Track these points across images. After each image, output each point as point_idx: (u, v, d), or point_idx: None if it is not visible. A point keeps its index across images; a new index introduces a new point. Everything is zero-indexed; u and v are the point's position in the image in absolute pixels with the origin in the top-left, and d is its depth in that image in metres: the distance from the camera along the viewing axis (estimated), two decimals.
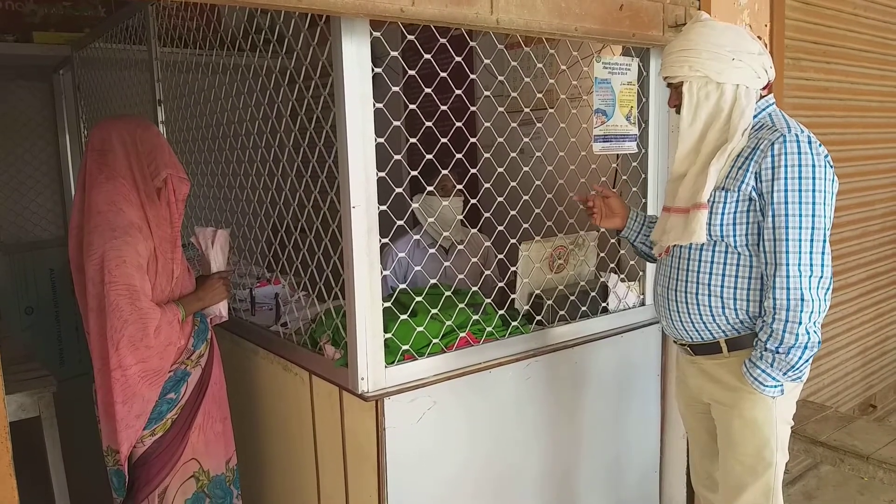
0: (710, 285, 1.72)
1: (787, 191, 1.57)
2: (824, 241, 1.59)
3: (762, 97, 1.70)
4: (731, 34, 1.66)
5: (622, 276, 2.39)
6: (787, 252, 1.58)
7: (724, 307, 1.72)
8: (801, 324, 1.58)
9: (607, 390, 2.33)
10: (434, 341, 1.90)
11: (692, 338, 1.79)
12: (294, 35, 1.93)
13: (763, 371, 1.65)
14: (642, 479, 2.52)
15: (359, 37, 1.63)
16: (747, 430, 1.73)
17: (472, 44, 1.93)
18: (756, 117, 1.68)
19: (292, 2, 1.47)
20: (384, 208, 1.75)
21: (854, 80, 3.27)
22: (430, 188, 2.56)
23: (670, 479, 2.58)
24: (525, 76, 2.08)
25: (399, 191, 1.81)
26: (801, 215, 1.57)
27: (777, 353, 1.61)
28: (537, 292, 2.19)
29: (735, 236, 1.68)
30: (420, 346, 1.88)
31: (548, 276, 2.24)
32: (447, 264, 2.20)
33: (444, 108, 1.84)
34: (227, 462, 2.13)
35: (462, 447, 1.98)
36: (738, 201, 1.65)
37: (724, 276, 1.71)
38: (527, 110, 2.11)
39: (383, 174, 1.73)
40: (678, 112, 1.73)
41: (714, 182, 1.66)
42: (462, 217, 2.59)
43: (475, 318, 1.99)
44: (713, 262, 1.72)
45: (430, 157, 1.89)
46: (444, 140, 1.87)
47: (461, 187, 2.08)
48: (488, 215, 2.03)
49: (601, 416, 2.33)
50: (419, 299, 1.94)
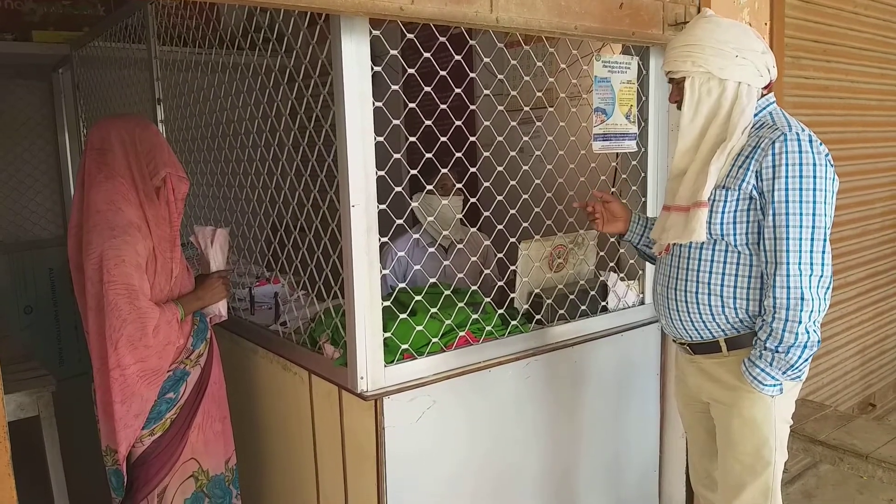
0: (710, 284, 1.72)
1: (787, 189, 1.57)
2: (825, 240, 1.59)
3: (763, 96, 1.70)
4: (736, 31, 1.66)
5: (622, 274, 2.39)
6: (788, 251, 1.57)
7: (724, 306, 1.72)
8: (800, 323, 1.58)
9: (607, 389, 2.33)
10: (433, 340, 1.89)
11: (692, 337, 1.79)
12: (293, 33, 1.92)
13: (762, 370, 1.64)
14: (642, 478, 2.52)
15: (358, 35, 1.63)
16: (746, 429, 1.73)
17: (472, 42, 1.93)
18: (757, 116, 1.68)
19: (291, 0, 1.46)
20: (383, 207, 1.74)
21: (854, 78, 3.27)
22: (430, 187, 2.57)
23: (670, 478, 2.58)
24: (525, 75, 2.08)
25: (398, 190, 1.81)
26: (801, 214, 1.57)
27: (776, 352, 1.61)
28: (537, 291, 2.19)
29: (735, 235, 1.67)
30: (419, 345, 1.88)
31: (547, 275, 2.24)
32: (447, 263, 2.20)
33: (443, 106, 1.84)
34: (227, 462, 2.12)
35: (461, 446, 1.98)
36: (738, 200, 1.65)
37: (723, 275, 1.71)
38: (526, 109, 2.11)
39: (383, 173, 1.73)
40: (679, 108, 1.73)
41: (715, 180, 1.65)
42: (461, 216, 2.59)
43: (475, 317, 1.99)
44: (713, 261, 1.71)
45: (429, 155, 1.89)
46: (444, 139, 1.87)
47: (461, 186, 2.07)
48: (488, 214, 2.03)
49: (601, 415, 2.33)
50: (418, 298, 1.94)
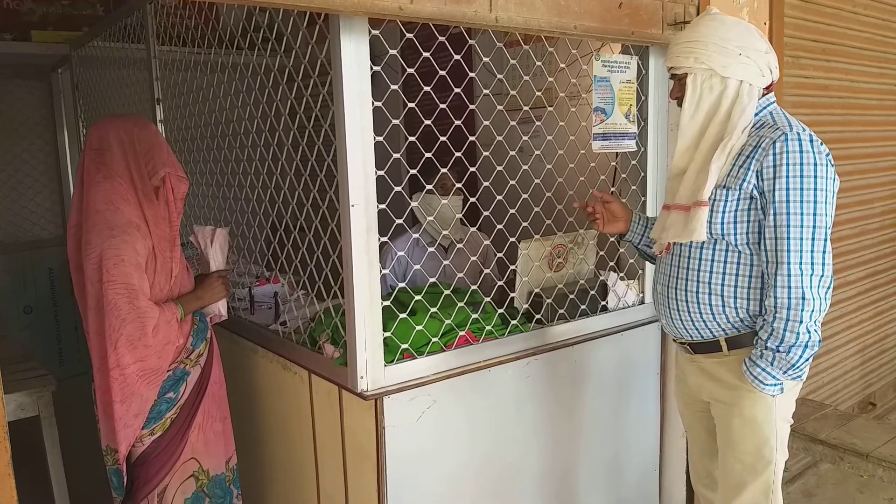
0: (711, 284, 1.72)
1: (788, 189, 1.57)
2: (825, 239, 1.59)
3: (763, 96, 1.70)
4: (740, 29, 1.66)
5: (621, 274, 2.39)
6: (789, 251, 1.57)
7: (725, 306, 1.72)
8: (801, 322, 1.58)
9: (607, 389, 2.33)
10: (433, 340, 1.89)
11: (692, 336, 1.79)
12: (293, 33, 1.92)
13: (763, 370, 1.64)
14: (642, 477, 2.52)
15: (357, 35, 1.63)
16: (747, 428, 1.73)
17: (471, 42, 1.93)
18: (757, 115, 1.68)
19: (290, 0, 1.46)
20: (383, 207, 1.74)
21: (853, 77, 3.27)
22: (430, 187, 2.57)
23: (670, 477, 2.58)
24: (524, 74, 2.08)
25: (398, 189, 1.81)
26: (802, 214, 1.57)
27: (777, 351, 1.61)
28: (537, 291, 2.19)
29: (736, 235, 1.67)
30: (419, 344, 1.88)
31: (547, 275, 2.24)
32: (446, 263, 2.20)
33: (443, 106, 1.84)
34: (227, 462, 2.12)
35: (462, 446, 1.98)
36: (739, 199, 1.65)
37: (724, 274, 1.71)
38: (526, 109, 2.10)
39: (382, 173, 1.73)
40: (679, 105, 1.72)
41: (715, 180, 1.65)
42: (461, 216, 2.59)
43: (474, 316, 1.99)
44: (713, 261, 1.71)
45: (429, 155, 1.89)
46: (444, 138, 1.86)
47: (460, 186, 2.07)
48: (487, 214, 2.03)
49: (601, 414, 2.33)
50: (418, 298, 1.94)
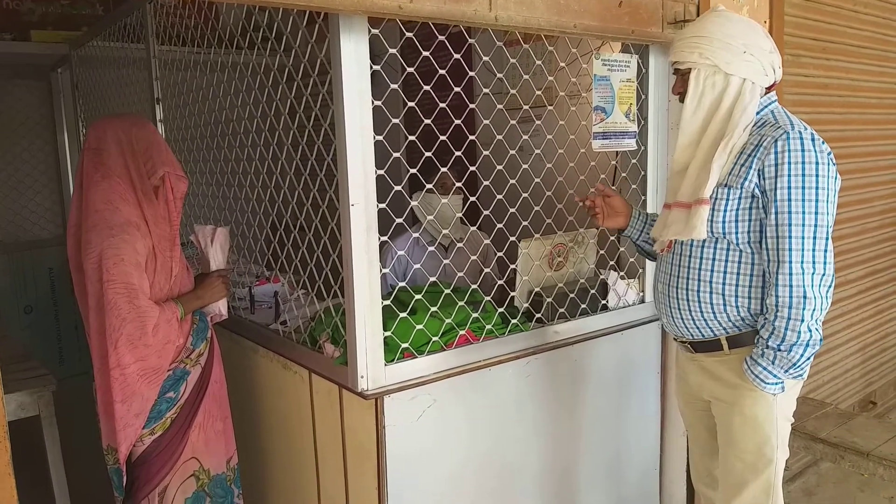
0: (712, 282, 1.72)
1: (790, 188, 1.57)
2: (827, 238, 1.59)
3: (765, 94, 1.69)
4: (746, 27, 1.66)
5: (622, 273, 2.39)
6: (790, 249, 1.57)
7: (726, 304, 1.71)
8: (803, 321, 1.57)
9: (607, 388, 2.33)
10: (434, 339, 1.89)
11: (693, 335, 1.79)
12: (292, 32, 1.92)
13: (764, 368, 1.64)
14: (642, 476, 2.52)
15: (357, 34, 1.62)
16: (748, 427, 1.73)
17: (471, 41, 1.93)
18: (758, 114, 1.68)
19: None
20: (383, 206, 1.74)
21: (854, 76, 3.26)
22: (430, 186, 2.57)
23: (670, 476, 2.58)
24: (524, 73, 2.07)
25: (398, 189, 1.81)
26: (804, 213, 1.56)
27: (779, 350, 1.61)
28: (537, 290, 2.19)
29: (737, 233, 1.67)
30: (419, 344, 1.88)
31: (547, 274, 2.24)
32: (446, 262, 2.19)
33: (442, 105, 1.84)
34: (228, 461, 2.12)
35: (462, 445, 1.98)
36: (740, 198, 1.65)
37: (725, 273, 1.71)
38: (526, 108, 2.10)
39: (382, 172, 1.73)
40: (681, 100, 1.72)
41: (717, 178, 1.65)
42: (461, 215, 2.59)
43: (475, 315, 1.99)
44: (714, 260, 1.71)
45: (429, 154, 1.88)
46: (443, 138, 1.86)
47: (460, 185, 2.07)
48: (487, 213, 2.03)
49: (601, 413, 2.33)
50: (418, 297, 1.94)
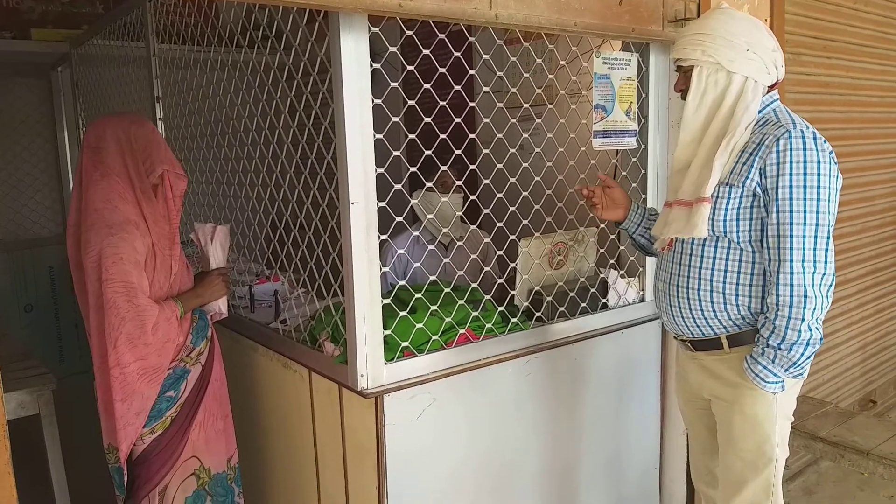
0: (713, 281, 1.72)
1: (791, 187, 1.56)
2: (828, 237, 1.59)
3: (767, 93, 1.69)
4: (749, 25, 1.65)
5: (622, 272, 2.39)
6: (791, 248, 1.57)
7: (726, 303, 1.71)
8: (803, 320, 1.57)
9: (607, 386, 2.33)
10: (433, 338, 1.89)
11: (693, 333, 1.79)
12: (292, 31, 1.92)
13: (764, 367, 1.64)
14: (642, 475, 2.52)
15: (357, 32, 1.62)
16: (748, 426, 1.73)
17: (471, 39, 1.92)
18: (760, 112, 1.67)
19: None
20: (383, 205, 1.74)
21: (855, 75, 3.26)
22: (430, 184, 2.57)
23: (670, 475, 2.58)
24: (524, 72, 2.07)
25: (398, 187, 1.81)
26: (805, 212, 1.56)
27: (779, 349, 1.61)
28: (537, 288, 2.19)
29: (738, 232, 1.67)
30: (419, 342, 1.88)
31: (547, 273, 2.23)
32: (446, 261, 2.20)
33: (443, 103, 1.84)
34: (229, 460, 2.12)
35: (462, 444, 1.98)
36: (741, 197, 1.64)
37: (726, 271, 1.70)
38: (526, 106, 2.10)
39: (382, 170, 1.73)
40: (683, 98, 1.72)
41: (718, 177, 1.65)
42: (461, 213, 2.58)
43: (475, 314, 1.99)
44: (715, 258, 1.71)
45: (429, 153, 1.88)
46: (444, 136, 1.86)
47: (460, 183, 2.07)
48: (488, 212, 2.02)
49: (601, 412, 2.33)
50: (419, 296, 1.93)
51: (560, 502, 2.28)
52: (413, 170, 2.06)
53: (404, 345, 1.83)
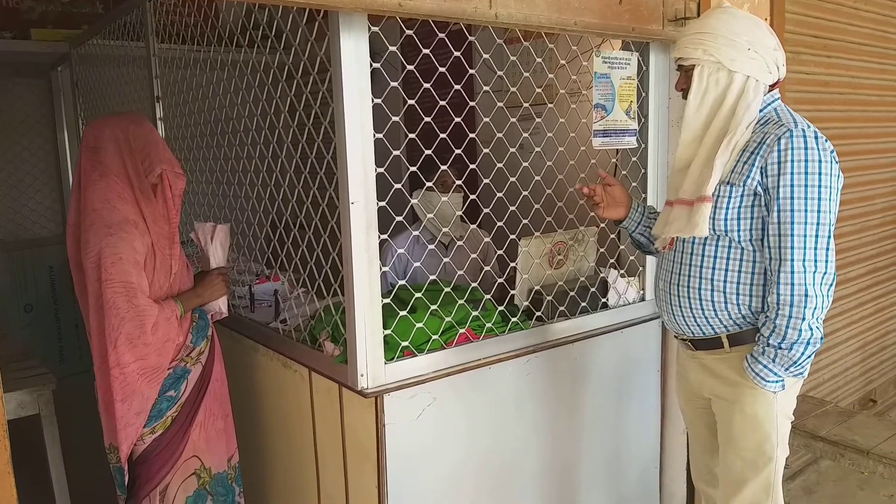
0: (713, 280, 1.72)
1: (793, 186, 1.56)
2: (829, 237, 1.59)
3: (768, 92, 1.69)
4: (750, 24, 1.65)
5: (622, 271, 2.39)
6: (792, 248, 1.57)
7: (727, 302, 1.71)
8: (804, 319, 1.57)
9: (607, 386, 2.33)
10: (433, 337, 1.89)
11: (693, 332, 1.79)
12: (292, 30, 1.92)
13: (765, 366, 1.64)
14: (642, 474, 2.52)
15: (357, 32, 1.62)
16: (748, 425, 1.73)
17: (471, 38, 1.92)
18: (761, 112, 1.67)
19: None
20: (383, 204, 1.74)
21: (854, 74, 3.26)
22: (430, 184, 2.57)
23: (670, 474, 2.58)
24: (524, 71, 2.07)
25: (398, 187, 1.81)
26: (806, 211, 1.56)
27: (779, 348, 1.61)
28: (537, 288, 2.19)
29: (739, 231, 1.67)
30: (419, 342, 1.88)
31: (547, 272, 2.23)
32: (446, 260, 2.20)
33: (443, 103, 1.83)
34: (229, 459, 2.12)
35: (462, 443, 1.98)
36: (742, 196, 1.64)
37: (726, 271, 1.70)
38: (526, 105, 2.10)
39: (382, 170, 1.73)
40: (684, 97, 1.72)
41: (719, 176, 1.65)
42: (461, 213, 2.58)
43: (475, 314, 1.99)
44: (716, 257, 1.71)
45: (429, 152, 1.88)
46: (444, 135, 1.86)
47: (460, 183, 2.07)
48: (488, 211, 2.02)
49: (601, 411, 2.33)
50: (418, 295, 1.93)
51: (560, 502, 2.28)
52: (413, 169, 2.06)
53: (404, 344, 1.83)
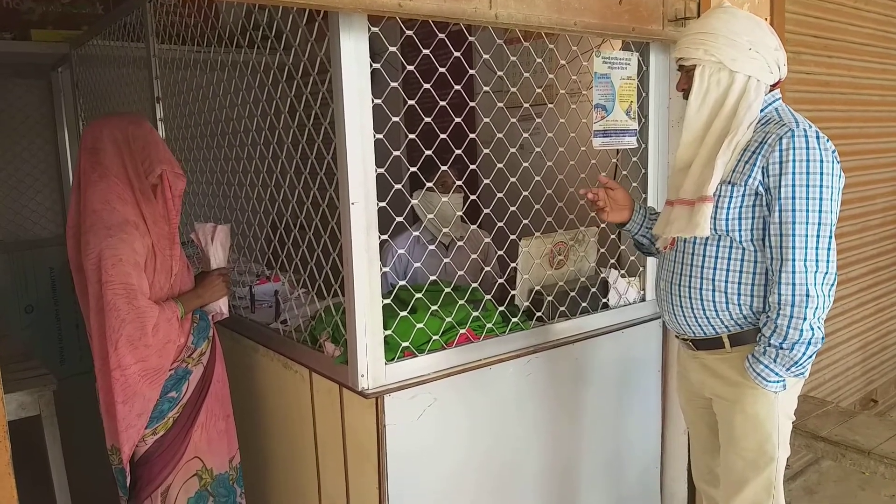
0: (714, 280, 1.72)
1: (794, 186, 1.56)
2: (830, 237, 1.59)
3: (769, 92, 1.69)
4: (751, 24, 1.65)
5: (622, 271, 2.39)
6: (794, 248, 1.57)
7: (728, 302, 1.71)
8: (805, 319, 1.57)
9: (608, 386, 2.33)
10: (434, 338, 1.89)
11: (695, 332, 1.79)
12: (292, 31, 1.92)
13: (766, 366, 1.64)
14: (643, 474, 2.52)
15: (357, 32, 1.62)
16: (749, 425, 1.73)
17: (471, 39, 1.92)
18: (762, 111, 1.67)
19: None
20: (383, 205, 1.74)
21: (855, 74, 3.26)
22: (430, 184, 2.57)
23: (671, 474, 2.58)
24: (524, 71, 2.07)
25: (398, 187, 1.81)
26: (808, 211, 1.56)
27: (781, 348, 1.61)
28: (537, 288, 2.19)
29: (740, 231, 1.67)
30: (420, 342, 1.88)
31: (548, 272, 2.23)
32: (447, 261, 2.19)
33: (443, 103, 1.83)
34: (231, 460, 2.12)
35: (462, 444, 1.98)
36: (744, 196, 1.64)
37: (728, 271, 1.70)
38: (526, 106, 2.10)
39: (382, 170, 1.73)
40: (685, 97, 1.72)
41: (720, 175, 1.64)
42: (462, 213, 2.58)
43: (475, 314, 1.99)
44: (717, 257, 1.71)
45: (429, 153, 1.88)
46: (444, 136, 1.86)
47: (461, 183, 2.07)
48: (488, 211, 2.02)
49: (602, 411, 2.33)
50: (419, 296, 1.93)
51: (561, 502, 2.28)
52: (413, 170, 2.06)
53: (405, 345, 1.83)
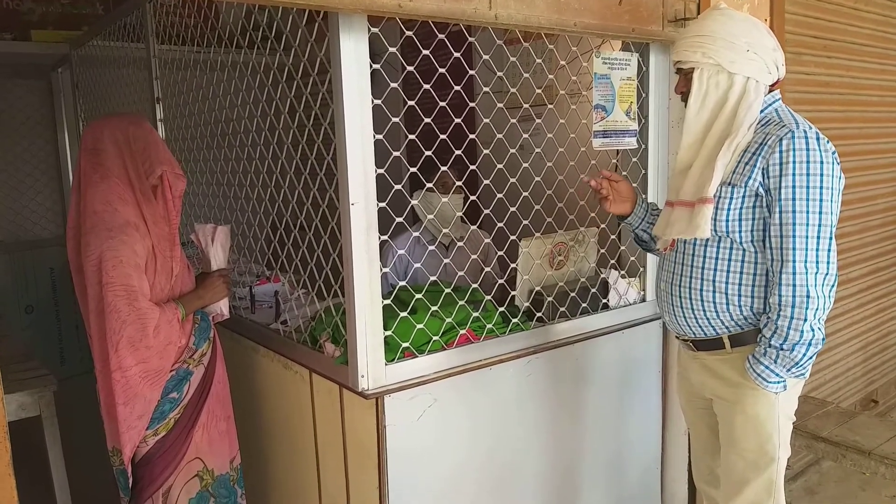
0: (715, 281, 1.72)
1: (794, 187, 1.56)
2: (830, 238, 1.59)
3: (768, 93, 1.69)
4: (749, 25, 1.65)
5: (623, 272, 2.39)
6: (794, 249, 1.57)
7: (729, 303, 1.71)
8: (805, 320, 1.57)
9: (608, 387, 2.33)
10: (434, 338, 1.89)
11: (695, 333, 1.79)
12: (292, 31, 1.92)
13: (767, 367, 1.64)
14: (644, 474, 2.52)
15: (357, 33, 1.62)
16: (749, 425, 1.73)
17: (471, 39, 1.92)
18: (762, 112, 1.67)
19: None
20: (383, 205, 1.74)
21: (855, 74, 3.26)
22: (430, 185, 2.57)
23: (672, 474, 2.58)
24: (524, 72, 2.07)
25: (398, 188, 1.81)
26: (808, 212, 1.56)
27: (781, 349, 1.61)
28: (538, 289, 2.19)
29: (741, 232, 1.67)
30: (420, 343, 1.88)
31: (548, 273, 2.23)
32: (447, 261, 2.19)
33: (442, 104, 1.83)
34: (232, 461, 2.12)
35: (463, 444, 1.98)
36: (744, 197, 1.64)
37: (728, 272, 1.70)
38: (526, 106, 2.10)
39: (382, 171, 1.73)
40: (684, 100, 1.72)
41: (721, 177, 1.64)
42: (462, 214, 2.58)
43: (475, 315, 1.99)
44: (718, 258, 1.71)
45: (429, 153, 1.88)
46: (444, 136, 1.86)
47: (461, 184, 2.07)
48: (488, 212, 2.02)
49: (602, 412, 2.33)
50: (419, 296, 1.93)
51: (561, 502, 2.28)
52: (413, 170, 2.06)
53: (405, 345, 1.83)
